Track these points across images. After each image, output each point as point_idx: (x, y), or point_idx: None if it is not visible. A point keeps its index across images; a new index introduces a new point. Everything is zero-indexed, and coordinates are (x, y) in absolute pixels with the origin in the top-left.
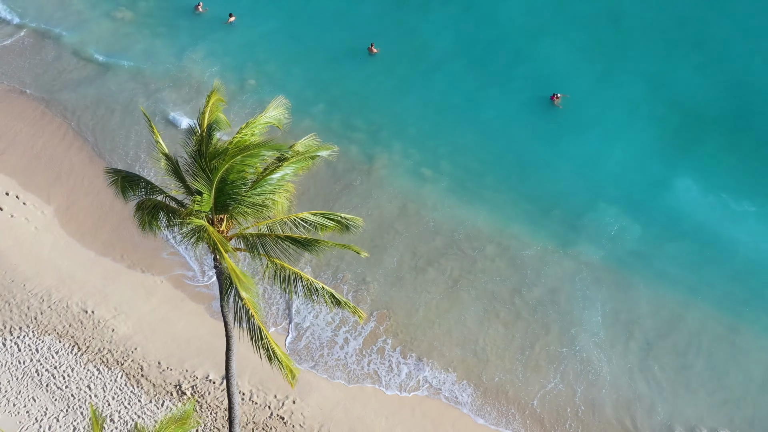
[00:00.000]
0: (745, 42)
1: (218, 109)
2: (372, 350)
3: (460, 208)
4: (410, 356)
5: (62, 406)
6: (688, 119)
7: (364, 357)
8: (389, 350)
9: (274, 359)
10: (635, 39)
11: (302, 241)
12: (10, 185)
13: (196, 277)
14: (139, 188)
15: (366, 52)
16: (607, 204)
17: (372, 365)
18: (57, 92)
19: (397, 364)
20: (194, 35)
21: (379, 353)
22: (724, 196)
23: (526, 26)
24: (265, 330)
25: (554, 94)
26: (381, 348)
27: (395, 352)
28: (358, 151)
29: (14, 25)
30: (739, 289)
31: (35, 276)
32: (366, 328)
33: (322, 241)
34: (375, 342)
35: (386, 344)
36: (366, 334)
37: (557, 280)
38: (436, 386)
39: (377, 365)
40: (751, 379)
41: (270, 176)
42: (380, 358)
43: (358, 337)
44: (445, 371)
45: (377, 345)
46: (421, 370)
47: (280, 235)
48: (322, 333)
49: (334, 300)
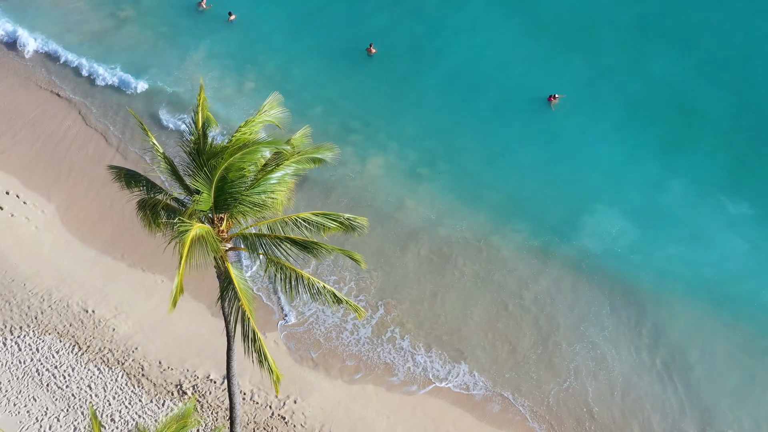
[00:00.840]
0: (743, 41)
1: (206, 108)
2: (383, 339)
3: (459, 207)
4: (419, 346)
5: (63, 405)
6: (686, 119)
7: (375, 345)
8: (399, 340)
9: (264, 362)
10: (632, 39)
11: (302, 243)
12: (10, 184)
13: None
14: (140, 185)
15: (365, 53)
16: (604, 203)
17: (384, 354)
18: (58, 91)
19: (410, 354)
20: (195, 34)
21: (390, 342)
22: (721, 197)
23: (524, 27)
24: (259, 333)
25: (551, 95)
26: (391, 337)
27: (405, 341)
28: (355, 150)
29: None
30: (738, 287)
31: (35, 275)
32: (374, 317)
33: (321, 245)
34: (384, 332)
35: (395, 334)
36: (374, 322)
37: (554, 278)
38: (443, 376)
39: (389, 354)
40: (753, 380)
41: (270, 175)
42: (392, 347)
43: (367, 326)
44: (456, 362)
45: (387, 335)
46: (433, 361)
47: (280, 237)
48: (327, 319)
49: (336, 299)
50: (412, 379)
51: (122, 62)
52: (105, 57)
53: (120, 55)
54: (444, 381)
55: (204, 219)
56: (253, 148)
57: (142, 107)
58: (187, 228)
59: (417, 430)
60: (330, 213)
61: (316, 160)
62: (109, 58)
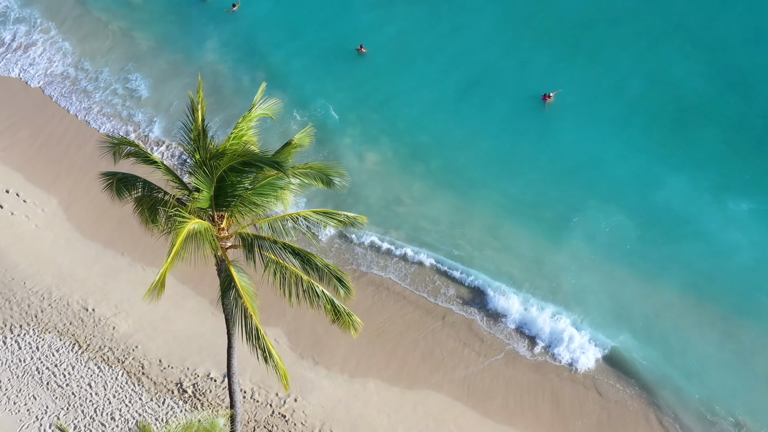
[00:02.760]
0: (741, 37)
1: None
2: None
3: (452, 204)
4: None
5: (63, 404)
6: (683, 116)
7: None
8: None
9: (270, 360)
10: (629, 35)
11: (299, 252)
12: (10, 183)
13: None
14: (135, 189)
15: (355, 53)
16: (600, 200)
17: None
18: (57, 89)
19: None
20: (199, 25)
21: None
22: (721, 194)
23: (518, 24)
24: (262, 331)
25: (545, 94)
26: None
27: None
28: (350, 147)
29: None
30: (738, 282)
31: (35, 274)
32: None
33: (316, 257)
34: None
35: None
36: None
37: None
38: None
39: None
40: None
41: (273, 181)
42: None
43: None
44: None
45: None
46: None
47: (278, 241)
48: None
49: (335, 311)
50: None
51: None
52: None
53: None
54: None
55: (204, 217)
56: (253, 161)
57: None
58: (185, 221)
59: (418, 428)
60: (330, 211)
61: (324, 181)
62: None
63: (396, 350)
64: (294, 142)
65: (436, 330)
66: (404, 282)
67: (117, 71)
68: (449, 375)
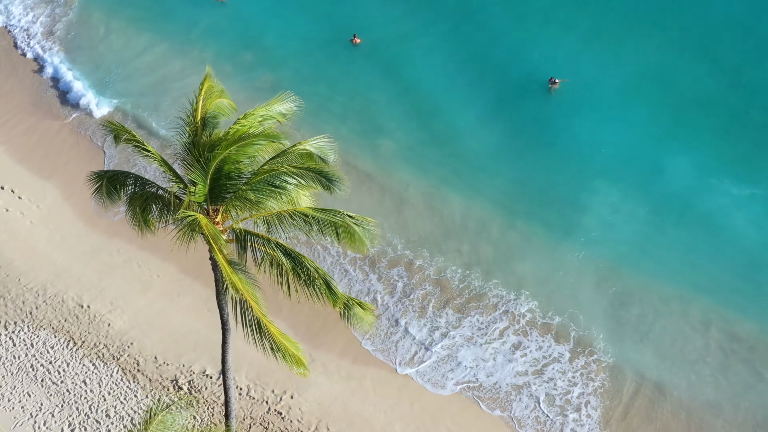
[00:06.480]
0: (743, 26)
1: (215, 96)
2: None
3: (455, 192)
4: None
5: (57, 401)
6: (687, 102)
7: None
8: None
9: (278, 351)
10: (634, 24)
11: (291, 253)
12: (5, 179)
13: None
14: (126, 187)
15: (349, 43)
16: (605, 187)
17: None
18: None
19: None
20: (186, 15)
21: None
22: (724, 180)
23: (523, 9)
24: (265, 319)
25: (552, 78)
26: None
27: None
28: (351, 140)
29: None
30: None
31: (30, 270)
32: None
33: (307, 259)
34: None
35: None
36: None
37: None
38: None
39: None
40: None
41: (270, 180)
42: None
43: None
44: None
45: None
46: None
47: (272, 240)
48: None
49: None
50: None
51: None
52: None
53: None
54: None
55: (199, 210)
56: (250, 140)
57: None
58: (193, 216)
59: (415, 425)
60: (331, 210)
61: (325, 185)
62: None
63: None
64: (305, 145)
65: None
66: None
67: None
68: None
